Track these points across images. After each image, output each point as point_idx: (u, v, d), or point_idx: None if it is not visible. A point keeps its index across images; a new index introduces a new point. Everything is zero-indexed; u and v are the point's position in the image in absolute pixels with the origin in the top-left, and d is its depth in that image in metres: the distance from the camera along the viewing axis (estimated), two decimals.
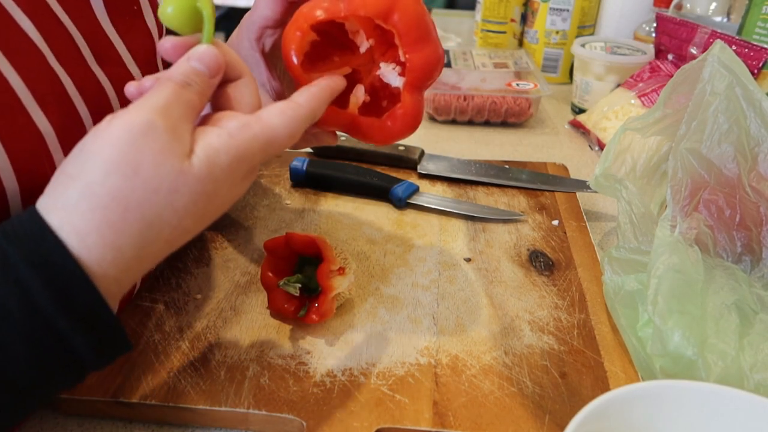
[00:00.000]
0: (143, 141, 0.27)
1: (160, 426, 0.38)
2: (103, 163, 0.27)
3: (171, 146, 0.28)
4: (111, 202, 0.27)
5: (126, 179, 0.27)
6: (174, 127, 0.28)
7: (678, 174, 0.46)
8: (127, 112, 0.28)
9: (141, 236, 0.28)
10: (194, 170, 0.28)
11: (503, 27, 1.04)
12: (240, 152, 0.30)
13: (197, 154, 0.29)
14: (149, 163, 0.27)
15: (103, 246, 0.27)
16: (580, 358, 0.41)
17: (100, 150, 0.27)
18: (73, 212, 0.27)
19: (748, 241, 0.46)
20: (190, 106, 0.30)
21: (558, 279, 0.49)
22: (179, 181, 0.28)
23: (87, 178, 0.27)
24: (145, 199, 0.27)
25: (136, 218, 0.27)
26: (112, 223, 0.27)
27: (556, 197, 0.60)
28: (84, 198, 0.27)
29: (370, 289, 0.47)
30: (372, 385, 0.38)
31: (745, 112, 0.44)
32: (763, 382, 0.34)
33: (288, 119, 0.32)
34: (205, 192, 0.29)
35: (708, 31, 0.67)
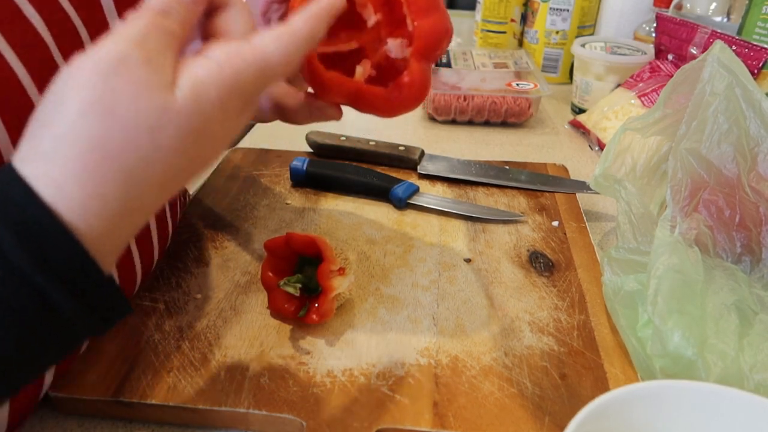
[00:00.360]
0: (116, 76, 0.25)
1: (160, 426, 0.38)
2: (76, 106, 0.24)
3: (149, 79, 0.25)
4: (87, 146, 0.24)
5: (101, 120, 0.24)
6: (150, 58, 0.26)
7: (678, 174, 0.46)
8: (98, 47, 0.25)
9: (126, 181, 0.25)
10: (178, 104, 0.26)
11: (503, 27, 1.04)
12: (230, 83, 0.27)
13: (180, 87, 0.26)
14: (126, 100, 0.25)
15: (84, 195, 0.24)
16: (580, 359, 0.41)
17: (71, 92, 0.25)
18: (48, 161, 0.24)
19: (748, 241, 0.46)
20: (169, 34, 0.27)
21: (558, 280, 0.49)
22: (162, 118, 0.25)
23: (60, 123, 0.25)
24: (125, 140, 0.25)
25: (118, 161, 0.25)
26: (92, 170, 0.24)
27: (556, 198, 0.60)
28: (58, 145, 0.24)
29: (370, 289, 0.47)
30: (372, 385, 0.38)
31: (744, 112, 0.44)
32: (762, 382, 0.34)
33: (284, 43, 0.29)
34: (193, 128, 0.26)
35: (708, 31, 0.67)
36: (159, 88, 0.25)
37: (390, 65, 0.39)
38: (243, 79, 0.28)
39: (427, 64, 0.38)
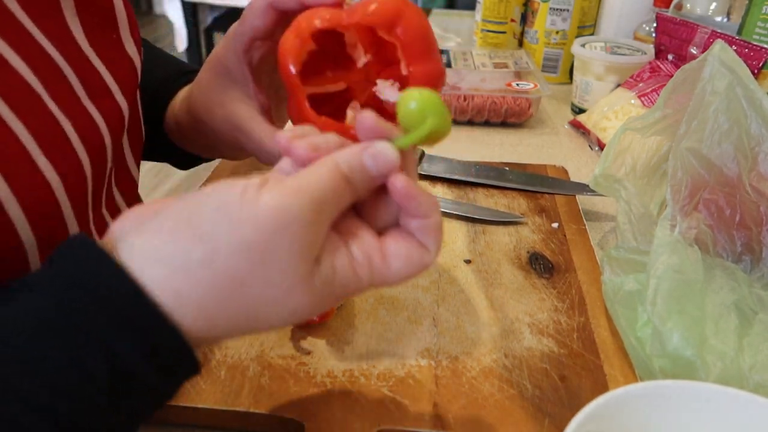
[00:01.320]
0: (285, 233, 0.25)
1: (160, 426, 0.38)
2: (237, 240, 0.25)
3: (308, 249, 0.26)
4: (226, 280, 0.25)
5: (252, 265, 0.25)
6: (318, 229, 0.26)
7: (678, 174, 0.46)
8: (282, 192, 0.25)
9: (239, 320, 0.26)
10: (313, 281, 0.26)
11: (503, 27, 1.04)
12: (352, 286, 0.28)
13: (322, 267, 0.27)
14: (280, 259, 0.25)
15: (199, 317, 0.25)
16: (580, 361, 0.41)
17: (240, 224, 0.25)
18: (184, 271, 0.25)
19: (748, 240, 0.46)
20: (340, 205, 0.27)
21: (558, 282, 0.49)
22: (298, 287, 0.26)
23: (215, 246, 0.25)
24: (258, 291, 0.25)
25: (241, 304, 0.26)
26: (217, 300, 0.25)
27: (556, 200, 0.60)
28: (203, 265, 0.25)
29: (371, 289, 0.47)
30: (372, 386, 0.39)
31: (745, 111, 0.44)
32: (762, 382, 0.34)
33: (408, 267, 0.29)
34: (312, 302, 0.27)
35: (708, 31, 0.67)
36: (309, 260, 0.26)
37: (378, 106, 0.38)
38: (361, 287, 0.28)
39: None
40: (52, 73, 0.35)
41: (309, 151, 0.28)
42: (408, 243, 0.29)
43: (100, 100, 0.38)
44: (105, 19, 0.41)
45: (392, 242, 0.29)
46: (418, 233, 0.29)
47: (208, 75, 0.43)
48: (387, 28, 0.34)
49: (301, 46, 0.35)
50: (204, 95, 0.44)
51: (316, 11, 0.35)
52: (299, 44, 0.35)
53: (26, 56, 0.33)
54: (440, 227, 0.30)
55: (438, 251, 0.30)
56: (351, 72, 0.39)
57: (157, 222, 0.26)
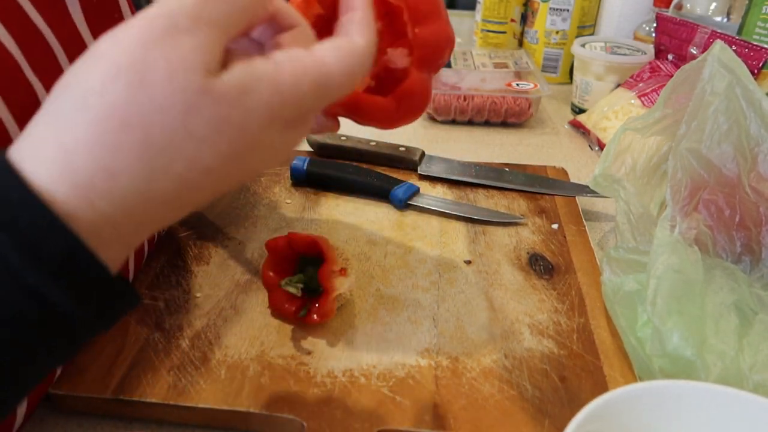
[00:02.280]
0: (157, 47, 0.22)
1: (160, 425, 0.38)
2: (106, 68, 0.22)
3: (193, 56, 0.22)
4: (107, 115, 0.22)
5: (129, 89, 0.22)
6: (201, 32, 0.23)
7: (678, 174, 0.46)
8: (148, 11, 0.23)
9: (143, 163, 0.22)
10: (219, 89, 0.23)
11: (503, 27, 1.04)
12: (287, 89, 0.24)
13: (231, 72, 0.23)
14: (162, 73, 0.22)
15: (94, 168, 0.21)
16: (580, 362, 0.41)
17: (107, 52, 0.22)
18: (60, 126, 0.22)
19: (748, 241, 0.47)
20: (227, 18, 0.24)
21: (558, 283, 0.49)
22: (198, 101, 0.22)
23: (84, 85, 0.22)
24: (151, 116, 0.22)
25: (138, 138, 0.22)
26: (106, 140, 0.21)
27: (556, 201, 0.60)
28: (75, 108, 0.22)
29: (371, 290, 0.47)
30: (372, 386, 0.39)
31: (745, 112, 0.44)
32: (762, 382, 0.34)
33: (345, 57, 0.26)
34: (231, 120, 0.23)
35: (708, 31, 0.67)
36: (202, 68, 0.22)
37: (390, 76, 0.38)
38: (301, 90, 0.25)
39: (428, 73, 0.36)
40: (36, 45, 0.34)
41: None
42: (334, 39, 0.27)
43: None
44: (106, 6, 0.41)
45: (319, 43, 0.27)
46: (343, 28, 0.28)
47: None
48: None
49: (306, 8, 0.35)
50: None
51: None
52: (304, 6, 0.35)
53: (10, 26, 0.33)
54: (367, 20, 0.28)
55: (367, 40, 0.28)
56: None
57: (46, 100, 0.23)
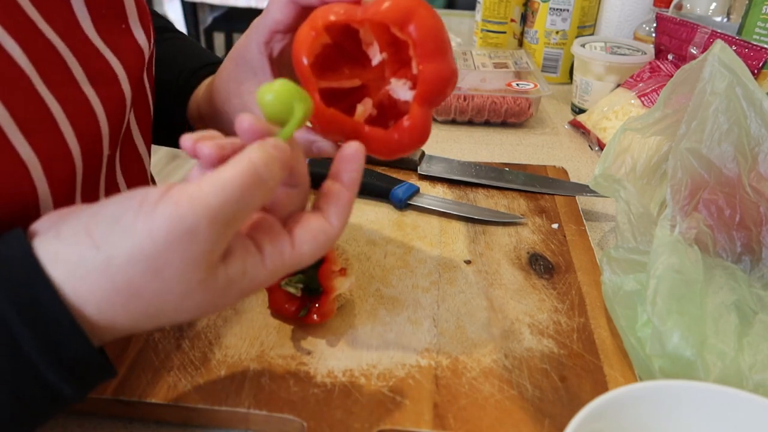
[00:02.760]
0: (178, 245, 0.26)
1: (160, 425, 0.38)
2: (132, 250, 0.26)
3: (203, 258, 0.26)
4: (123, 287, 0.26)
5: (146, 275, 0.26)
6: (217, 237, 0.26)
7: (678, 174, 0.46)
8: (177, 203, 0.26)
9: (138, 321, 0.28)
10: (214, 284, 0.27)
11: (503, 27, 1.04)
12: (262, 278, 0.29)
13: (226, 269, 0.28)
14: (175, 270, 0.26)
15: (98, 319, 0.27)
16: (580, 362, 0.41)
17: (134, 234, 0.26)
18: (80, 276, 0.26)
19: (748, 241, 0.46)
20: (249, 208, 0.27)
21: (558, 282, 0.49)
22: (195, 289, 0.27)
23: (110, 254, 0.26)
24: (156, 296, 0.27)
25: (140, 308, 0.27)
26: (114, 304, 0.27)
27: (556, 200, 0.60)
28: (98, 272, 0.26)
29: (371, 290, 0.47)
30: (372, 386, 0.39)
31: (745, 111, 0.44)
32: (762, 382, 0.34)
33: (320, 244, 0.30)
34: (213, 301, 0.28)
35: (708, 31, 0.67)
36: (207, 267, 0.27)
37: (392, 105, 0.38)
38: (274, 276, 0.30)
39: (429, 108, 0.37)
40: (47, 57, 0.35)
41: (215, 149, 0.28)
42: (313, 224, 0.31)
43: (102, 86, 0.39)
44: (113, 9, 0.42)
45: (299, 228, 0.30)
46: (327, 206, 0.31)
47: (229, 65, 0.44)
48: (399, 25, 0.34)
49: (315, 38, 0.36)
50: (224, 85, 0.45)
51: (334, 6, 0.36)
52: (313, 36, 0.36)
53: (20, 39, 0.34)
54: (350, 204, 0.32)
55: (342, 222, 0.31)
56: (367, 70, 0.39)
57: (64, 224, 0.27)
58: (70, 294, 0.26)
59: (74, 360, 0.27)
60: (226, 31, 2.75)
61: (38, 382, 0.26)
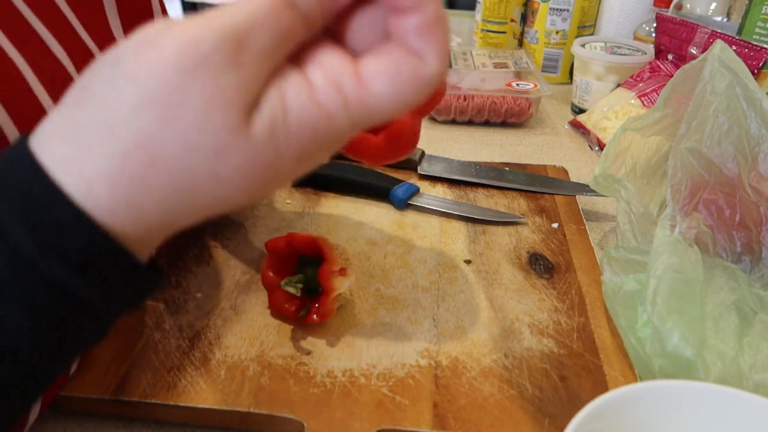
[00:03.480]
0: (194, 78, 0.20)
1: (160, 425, 0.38)
2: (135, 96, 0.20)
3: (230, 94, 0.20)
4: (135, 149, 0.20)
5: (160, 124, 0.20)
6: (244, 69, 0.20)
7: (678, 174, 0.46)
8: (189, 27, 0.20)
9: (168, 199, 0.21)
10: (253, 132, 0.21)
11: (503, 27, 1.04)
12: (320, 125, 0.21)
13: (262, 110, 0.21)
14: (196, 112, 0.20)
15: (116, 201, 0.21)
16: (580, 361, 0.41)
17: (138, 73, 0.20)
18: (82, 149, 0.20)
19: (748, 241, 0.46)
20: (282, 36, 0.21)
21: (558, 282, 0.49)
22: (230, 143, 0.20)
23: (111, 109, 0.20)
24: (180, 156, 0.20)
25: (165, 176, 0.20)
26: (132, 176, 0.20)
27: (556, 200, 0.60)
28: (100, 135, 0.20)
29: (371, 290, 0.47)
30: (372, 386, 0.39)
31: (745, 111, 0.44)
32: (762, 382, 0.34)
33: (398, 86, 0.21)
34: (261, 162, 0.21)
35: (708, 31, 0.67)
36: (239, 107, 0.20)
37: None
38: (336, 124, 0.22)
39: (419, 118, 0.37)
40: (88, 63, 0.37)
41: None
42: (394, 55, 0.21)
43: None
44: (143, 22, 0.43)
45: (371, 58, 0.22)
46: (409, 37, 0.21)
47: None
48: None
49: None
50: None
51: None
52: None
53: (70, 50, 0.34)
54: (441, 24, 0.21)
55: (441, 59, 0.22)
56: None
57: (65, 96, 0.22)
58: (72, 174, 0.20)
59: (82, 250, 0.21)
60: None
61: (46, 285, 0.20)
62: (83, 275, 0.21)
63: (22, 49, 0.32)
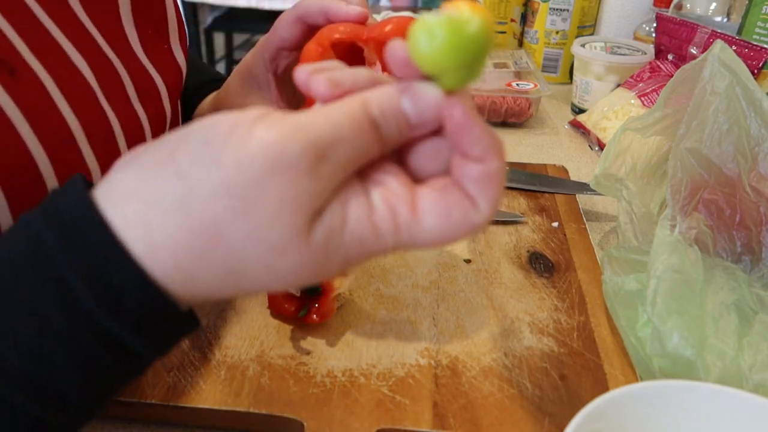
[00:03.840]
0: (276, 179, 0.21)
1: (160, 426, 0.38)
2: (218, 181, 0.21)
3: (305, 201, 0.21)
4: (205, 229, 0.21)
5: (234, 213, 0.21)
6: (321, 179, 0.21)
7: (678, 174, 0.46)
8: (281, 129, 0.21)
9: (219, 278, 0.22)
10: (313, 239, 0.22)
11: (503, 27, 1.04)
12: (368, 241, 0.23)
13: (324, 220, 0.22)
14: (269, 212, 0.21)
15: (175, 269, 0.22)
16: (580, 360, 0.41)
17: (225, 161, 0.21)
18: (156, 214, 0.21)
19: (748, 240, 0.46)
20: (361, 155, 0.22)
21: (558, 281, 0.49)
22: (289, 245, 0.22)
23: (193, 186, 0.21)
24: (242, 245, 0.22)
25: (223, 259, 0.22)
26: (195, 252, 0.22)
27: (556, 199, 0.60)
28: (177, 208, 0.21)
29: (371, 289, 0.47)
30: (372, 386, 0.39)
31: (745, 111, 0.44)
32: (762, 382, 0.34)
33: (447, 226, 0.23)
34: (311, 263, 0.22)
35: (708, 31, 0.67)
36: (307, 213, 0.21)
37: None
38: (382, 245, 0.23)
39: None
40: (108, 74, 0.38)
41: (330, 87, 0.23)
42: (450, 195, 0.23)
43: (148, 102, 0.40)
44: (158, 29, 0.44)
45: (429, 193, 0.23)
46: (467, 182, 0.23)
47: (235, 79, 0.46)
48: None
49: (321, 55, 0.37)
50: (230, 98, 0.46)
51: (339, 26, 0.37)
52: (318, 53, 0.37)
53: (88, 56, 0.36)
54: (498, 180, 0.23)
55: (492, 210, 0.23)
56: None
57: (144, 156, 0.23)
58: (140, 238, 0.21)
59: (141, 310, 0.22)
60: (226, 31, 2.75)
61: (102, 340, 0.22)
62: (138, 331, 0.22)
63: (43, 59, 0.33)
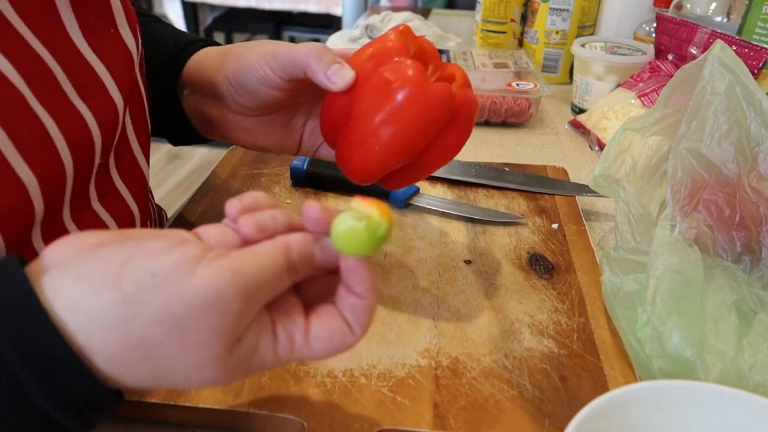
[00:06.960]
0: (211, 314, 0.25)
1: (160, 425, 0.38)
2: (161, 308, 0.25)
3: (230, 332, 0.26)
4: (140, 346, 0.25)
5: (169, 338, 0.25)
6: (246, 315, 0.26)
7: (678, 174, 0.46)
8: (219, 270, 0.25)
9: (145, 379, 0.27)
10: (229, 361, 0.27)
11: (503, 27, 1.04)
12: (269, 363, 0.29)
13: (241, 347, 0.27)
14: (200, 339, 0.25)
15: (107, 369, 0.26)
16: (580, 361, 0.41)
17: (167, 296, 0.25)
18: (98, 328, 0.25)
19: (748, 241, 0.46)
20: (277, 290, 0.28)
21: (558, 282, 0.49)
22: (209, 365, 0.26)
23: (137, 311, 0.25)
24: (169, 361, 0.26)
25: (150, 367, 0.26)
26: (126, 360, 0.26)
27: (556, 200, 0.60)
28: (119, 326, 0.25)
29: None
30: (372, 386, 0.39)
31: (745, 111, 0.44)
32: (762, 382, 0.34)
33: (330, 349, 0.29)
34: (221, 376, 0.27)
35: (708, 31, 0.67)
36: (229, 342, 0.26)
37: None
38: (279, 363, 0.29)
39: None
40: (38, 72, 0.35)
41: (255, 232, 0.28)
42: (334, 323, 0.29)
43: (92, 97, 0.38)
44: (101, 14, 0.40)
45: (318, 322, 0.29)
46: (348, 312, 0.29)
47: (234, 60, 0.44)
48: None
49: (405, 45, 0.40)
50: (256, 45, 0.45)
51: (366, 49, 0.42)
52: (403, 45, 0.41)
53: (11, 56, 0.33)
54: (372, 312, 0.30)
55: (363, 333, 0.30)
56: None
57: (89, 265, 0.26)
58: (83, 343, 0.25)
59: (85, 402, 0.26)
60: (226, 31, 2.75)
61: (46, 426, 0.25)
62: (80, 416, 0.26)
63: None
